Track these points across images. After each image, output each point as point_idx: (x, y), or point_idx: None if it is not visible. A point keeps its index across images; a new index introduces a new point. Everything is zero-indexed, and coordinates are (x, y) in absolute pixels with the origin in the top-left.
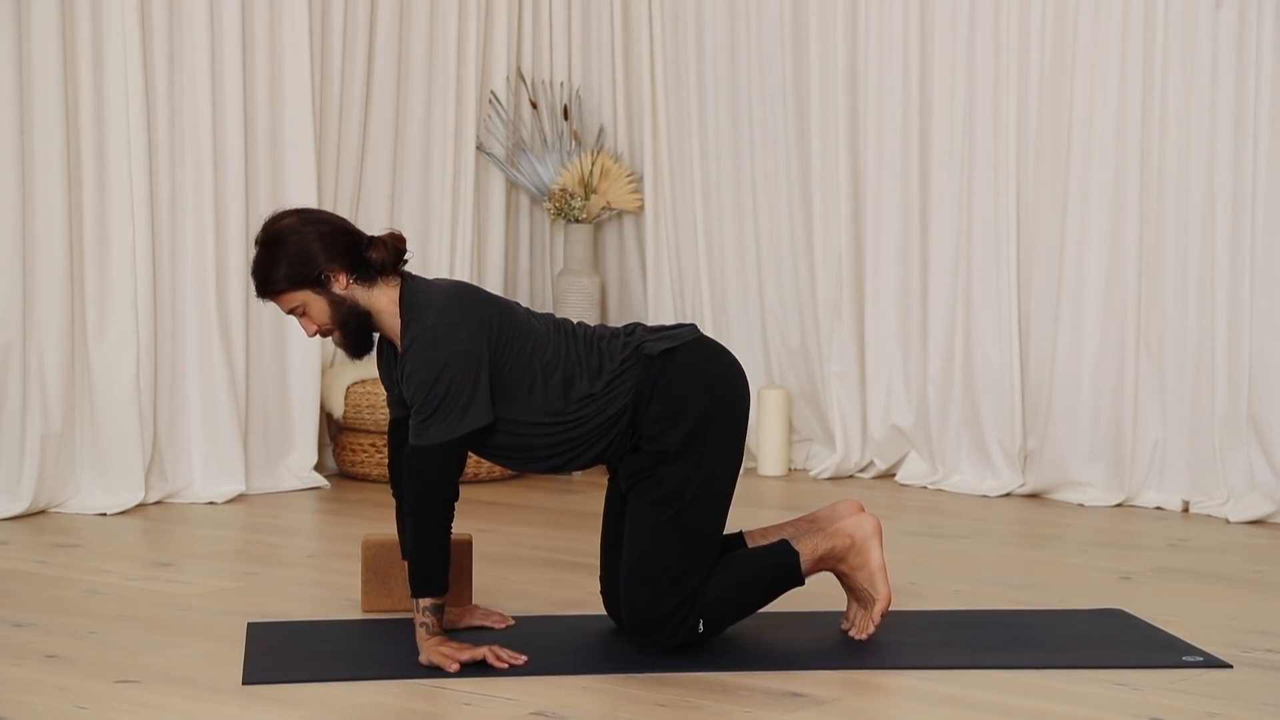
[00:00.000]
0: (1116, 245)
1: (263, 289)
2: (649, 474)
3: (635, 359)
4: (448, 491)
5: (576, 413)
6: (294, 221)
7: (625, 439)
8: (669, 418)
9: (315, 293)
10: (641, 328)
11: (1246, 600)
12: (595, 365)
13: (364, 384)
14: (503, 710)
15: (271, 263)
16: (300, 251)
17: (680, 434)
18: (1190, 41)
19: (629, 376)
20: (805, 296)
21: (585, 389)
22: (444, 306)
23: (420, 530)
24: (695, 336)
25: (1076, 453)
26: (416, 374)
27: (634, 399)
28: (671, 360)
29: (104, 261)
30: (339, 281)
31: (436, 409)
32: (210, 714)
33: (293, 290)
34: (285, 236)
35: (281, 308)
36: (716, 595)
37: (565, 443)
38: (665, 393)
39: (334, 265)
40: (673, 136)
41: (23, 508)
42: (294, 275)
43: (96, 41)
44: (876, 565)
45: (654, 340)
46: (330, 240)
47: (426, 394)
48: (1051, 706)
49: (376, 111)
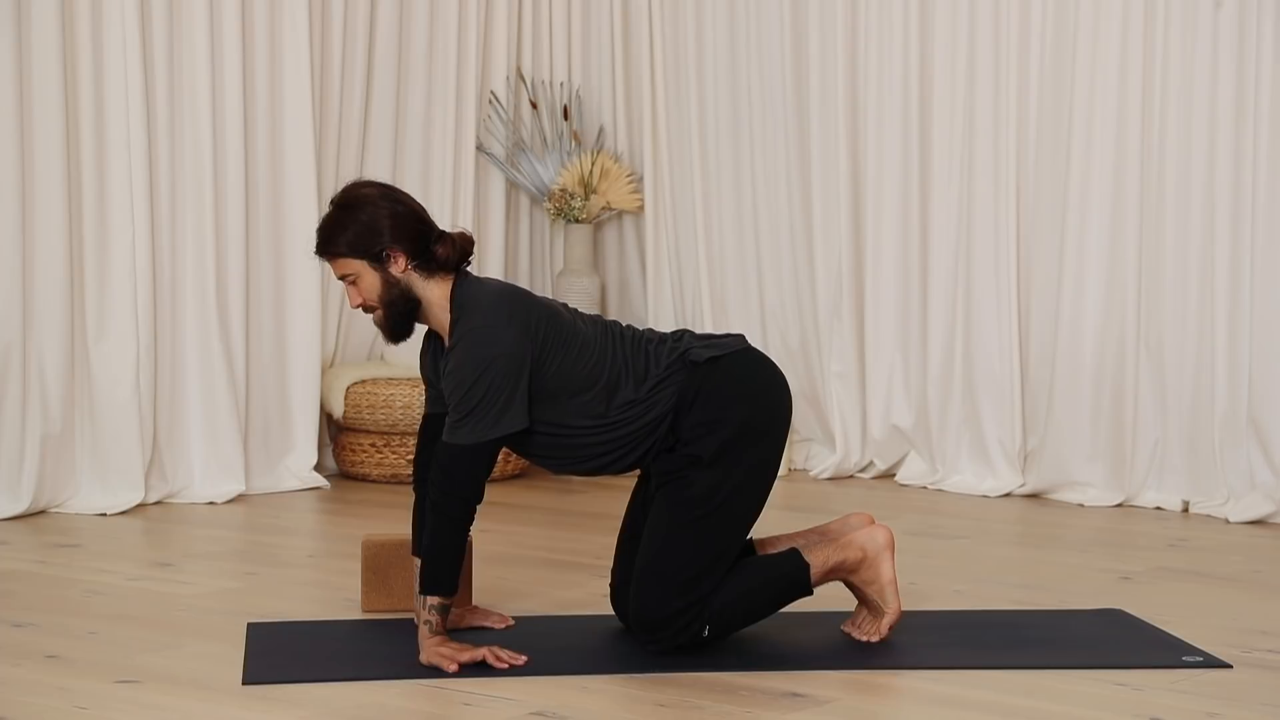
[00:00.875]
0: (1116, 245)
1: (322, 247)
2: (680, 475)
3: (681, 365)
4: (472, 493)
5: (618, 416)
6: (373, 192)
7: (665, 443)
8: (708, 424)
9: (372, 267)
10: (689, 334)
11: (1246, 600)
12: (641, 370)
13: (364, 384)
14: (503, 710)
15: (339, 226)
16: (370, 223)
17: (717, 441)
18: (1190, 41)
19: (673, 382)
20: (805, 296)
21: (629, 394)
22: (493, 308)
23: (439, 528)
24: (743, 347)
25: (1076, 453)
26: (458, 372)
27: (676, 404)
28: (716, 368)
29: (104, 261)
30: (398, 263)
31: (473, 409)
32: (210, 714)
33: (351, 258)
34: (361, 204)
35: (334, 271)
36: (725, 602)
37: (606, 444)
38: (707, 400)
39: (397, 246)
40: (673, 136)
41: (23, 508)
42: (356, 244)
43: (96, 41)
44: (888, 580)
45: (701, 348)
46: (402, 221)
47: (465, 393)
48: (1051, 706)
49: (376, 111)
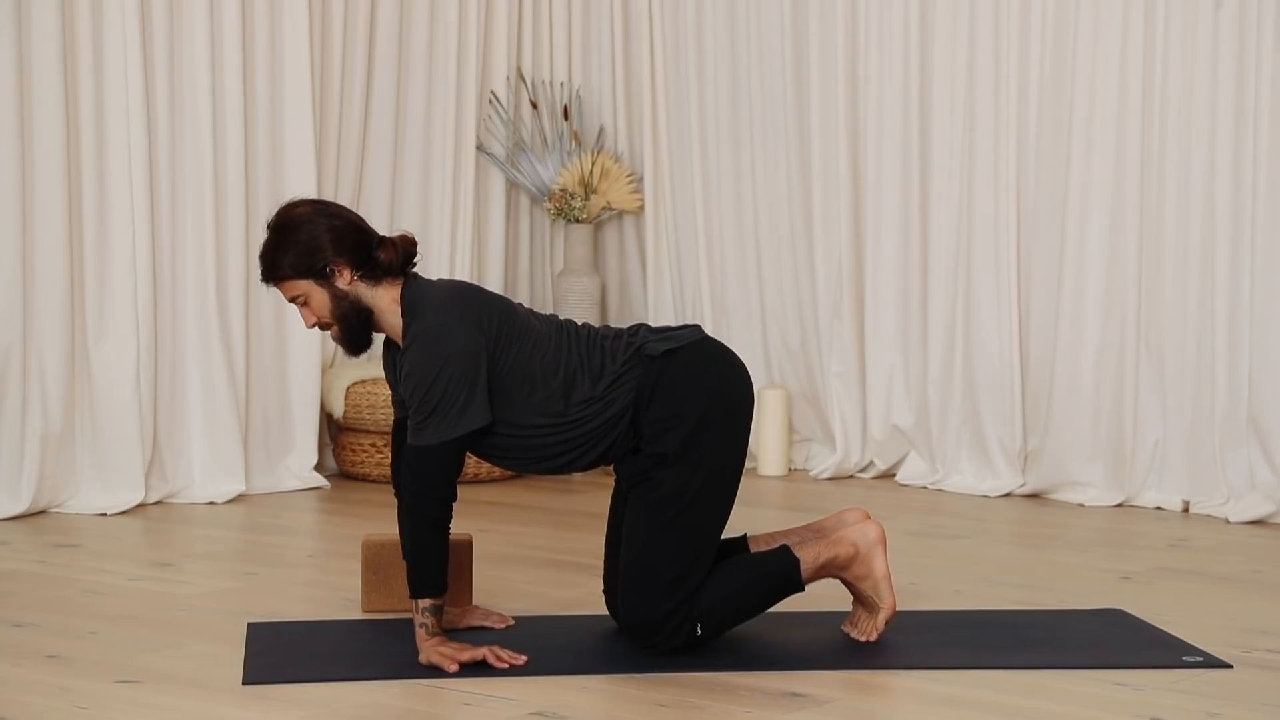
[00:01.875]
0: (1117, 245)
1: (267, 273)
2: (648, 476)
3: (637, 359)
4: (445, 492)
5: (577, 414)
6: (308, 211)
7: (626, 440)
8: (669, 419)
9: (318, 284)
10: (645, 328)
11: (1246, 600)
12: (597, 366)
13: (364, 384)
14: (503, 710)
15: (279, 249)
16: (309, 242)
17: (680, 436)
18: (1190, 41)
19: (630, 377)
20: (805, 296)
21: (586, 391)
22: (443, 306)
23: (418, 530)
24: (699, 338)
25: (1077, 453)
26: (414, 374)
27: (635, 400)
28: (673, 361)
29: (104, 261)
30: (343, 276)
31: (434, 409)
32: (210, 714)
33: (296, 279)
34: (297, 225)
35: (284, 294)
36: (716, 600)
37: (565, 443)
38: (666, 394)
39: (340, 260)
40: (673, 136)
41: (23, 508)
42: (299, 264)
43: (96, 41)
44: (881, 575)
45: (656, 341)
46: (341, 235)
47: (424, 394)
48: (1051, 706)
49: (376, 111)
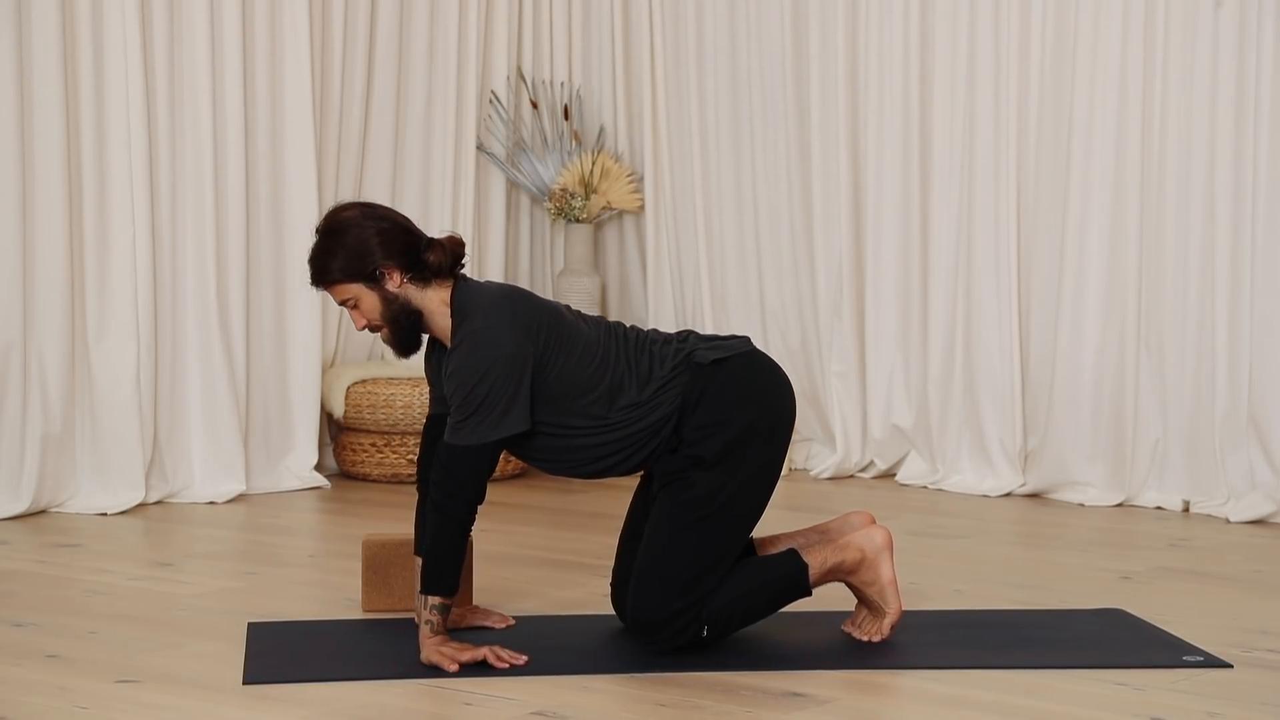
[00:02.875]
0: (1117, 245)
1: (317, 278)
2: (682, 476)
3: (685, 366)
4: (474, 494)
5: (620, 418)
6: (356, 214)
7: (669, 444)
8: (712, 426)
9: (368, 287)
10: (694, 335)
11: (1246, 600)
12: (645, 371)
13: (364, 384)
14: (503, 710)
15: (328, 253)
16: (358, 245)
17: (720, 442)
18: (1190, 41)
19: (677, 384)
20: (805, 296)
21: (633, 396)
22: (494, 309)
23: (440, 528)
24: (748, 349)
25: (1077, 453)
26: (459, 373)
27: (680, 405)
28: (721, 370)
29: (104, 261)
30: (393, 279)
31: (475, 410)
32: (210, 714)
33: (346, 282)
34: (345, 228)
35: (334, 298)
36: (723, 602)
37: (609, 444)
38: (712, 401)
39: (390, 263)
40: (673, 136)
41: (23, 508)
42: (349, 268)
43: (96, 41)
44: (888, 580)
45: (706, 349)
46: (389, 237)
47: (467, 394)
48: (1051, 706)
49: (376, 111)
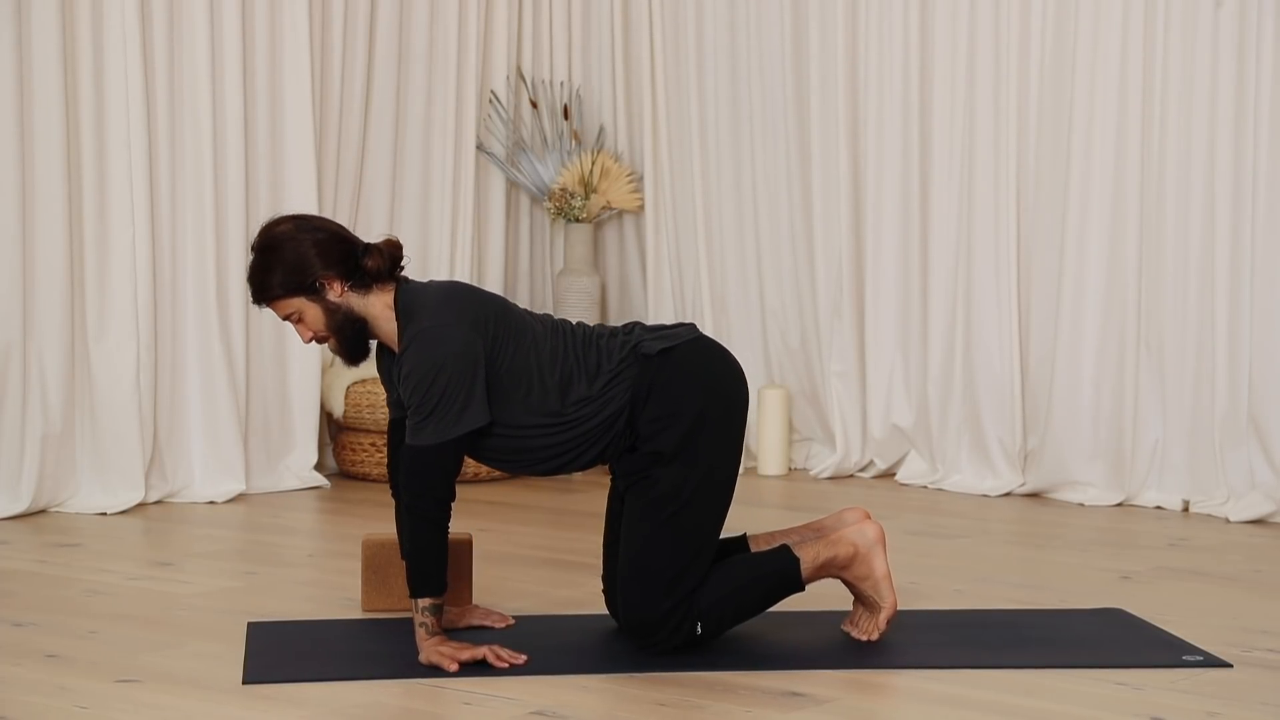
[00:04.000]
0: (1117, 245)
1: (258, 295)
2: (645, 475)
3: (633, 358)
4: (443, 492)
5: (574, 414)
6: (290, 228)
7: (623, 439)
8: (665, 418)
9: (310, 300)
10: (640, 326)
11: (1246, 600)
12: (594, 365)
13: (364, 384)
14: (503, 710)
15: (266, 269)
16: (296, 258)
17: (676, 435)
18: (1190, 41)
19: (626, 376)
20: (805, 296)
21: (583, 390)
22: (439, 308)
23: (416, 530)
24: (694, 336)
25: (1077, 452)
26: (412, 375)
27: (631, 399)
28: (669, 360)
29: (104, 261)
30: (334, 289)
31: (433, 410)
32: (210, 714)
33: (288, 297)
34: (281, 243)
35: (277, 314)
36: (715, 599)
37: (562, 444)
38: (662, 393)
39: (329, 273)
40: (673, 136)
41: (23, 508)
42: (289, 282)
43: (96, 41)
44: (881, 574)
45: (652, 340)
46: (326, 248)
47: (423, 395)
48: (1051, 706)
49: (376, 111)
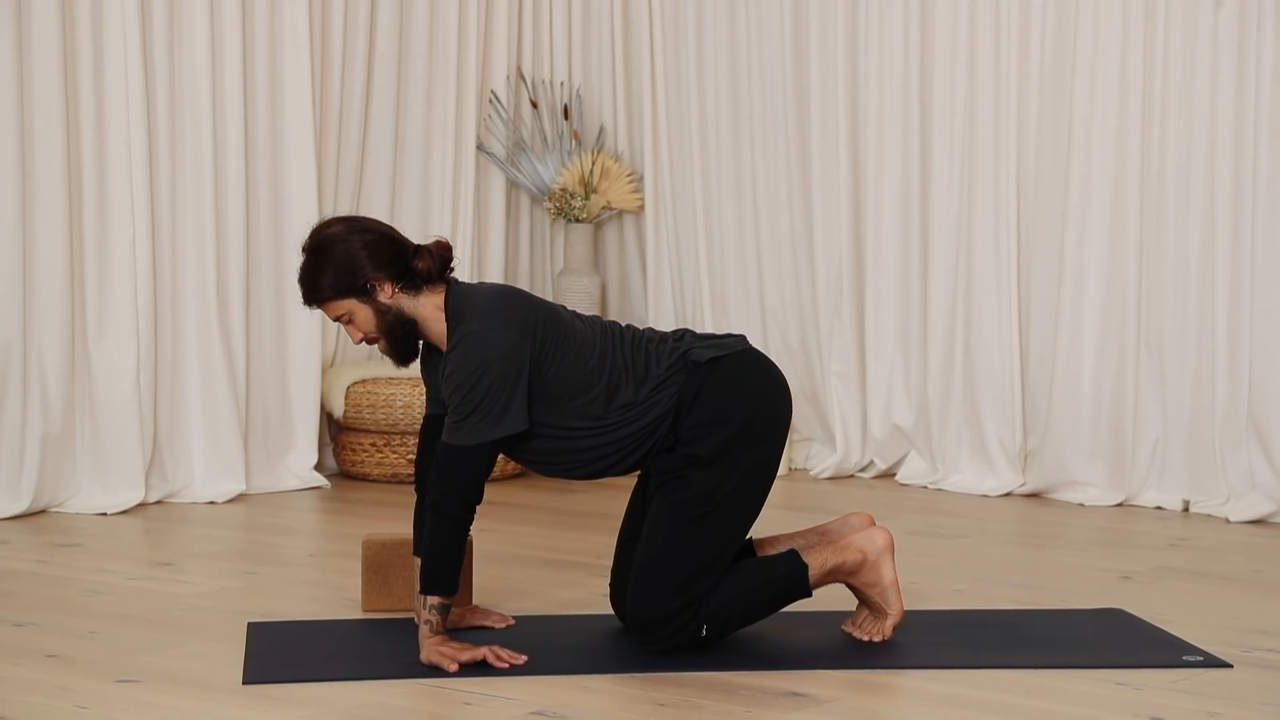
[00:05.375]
0: (1117, 245)
1: (309, 296)
2: (679, 475)
3: (681, 365)
4: (471, 494)
5: (617, 418)
6: (341, 229)
7: (665, 443)
8: (708, 424)
9: (361, 301)
10: (690, 334)
11: (1246, 600)
12: (642, 370)
13: (364, 384)
14: (503, 710)
15: (318, 271)
16: (346, 260)
17: (717, 441)
18: (1190, 41)
19: (674, 383)
20: (805, 296)
21: (629, 396)
22: (489, 310)
23: (439, 528)
24: (744, 348)
25: (1077, 452)
26: (457, 374)
27: (676, 405)
28: (717, 368)
29: (104, 261)
30: (384, 290)
31: (473, 411)
32: (210, 714)
33: (338, 299)
34: (332, 244)
35: (328, 315)
36: (722, 602)
37: (606, 445)
38: (708, 400)
39: (380, 274)
40: (673, 136)
41: (23, 508)
42: (340, 284)
43: (96, 41)
44: (889, 582)
45: (702, 348)
46: (377, 249)
47: (465, 395)
48: (1051, 706)
49: (376, 111)
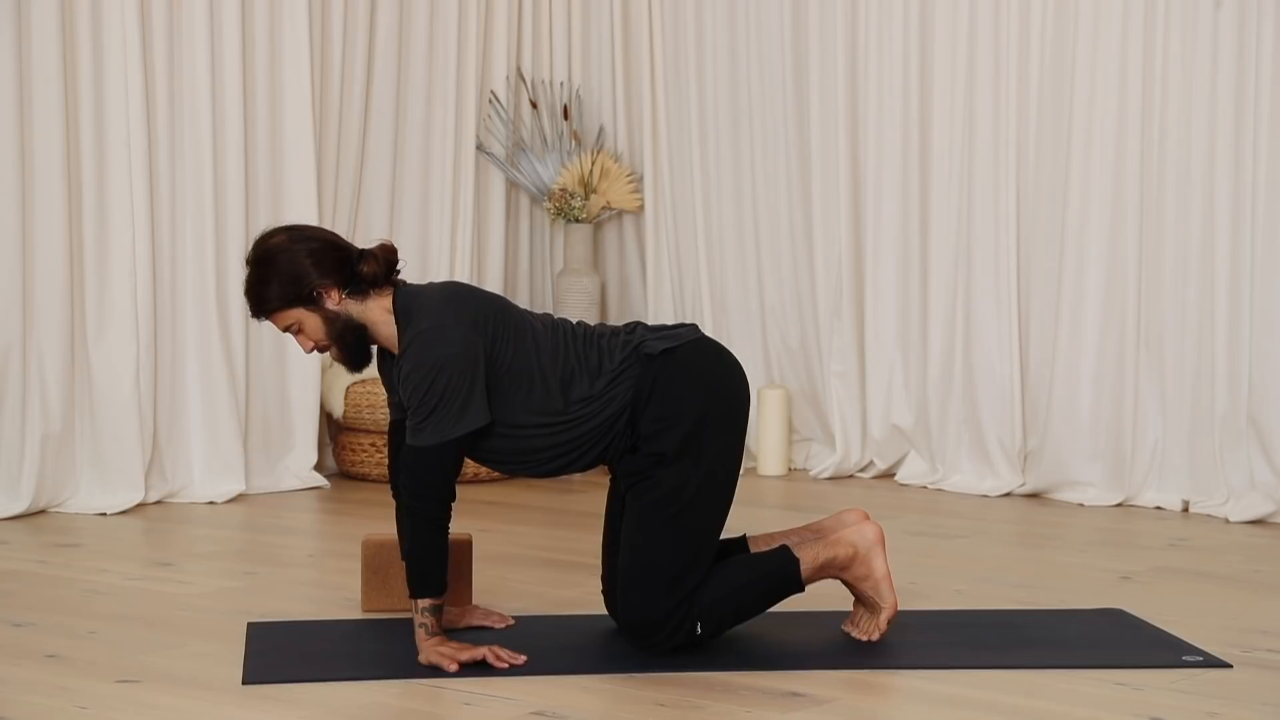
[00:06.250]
0: (1116, 245)
1: (256, 308)
2: (646, 476)
3: (635, 358)
4: (444, 492)
5: (575, 413)
6: (284, 239)
7: (624, 440)
8: (667, 418)
9: (309, 310)
10: (642, 326)
11: (1246, 600)
12: (595, 364)
13: (364, 384)
14: (503, 710)
15: (263, 282)
16: (291, 269)
17: (678, 435)
18: (1190, 41)
19: (628, 376)
20: (805, 296)
21: (585, 390)
22: (439, 309)
23: (417, 531)
24: (696, 337)
25: (1076, 453)
26: (412, 376)
27: (633, 399)
28: (671, 360)
29: (104, 261)
30: (332, 297)
31: (433, 410)
32: (210, 714)
33: (286, 309)
34: (275, 255)
35: (277, 326)
36: (715, 599)
37: (563, 444)
38: (664, 393)
39: (326, 281)
40: (673, 136)
41: (23, 508)
42: (286, 294)
43: (96, 41)
44: (881, 575)
45: (654, 339)
46: (321, 256)
47: (423, 396)
48: (1051, 706)
49: (376, 112)
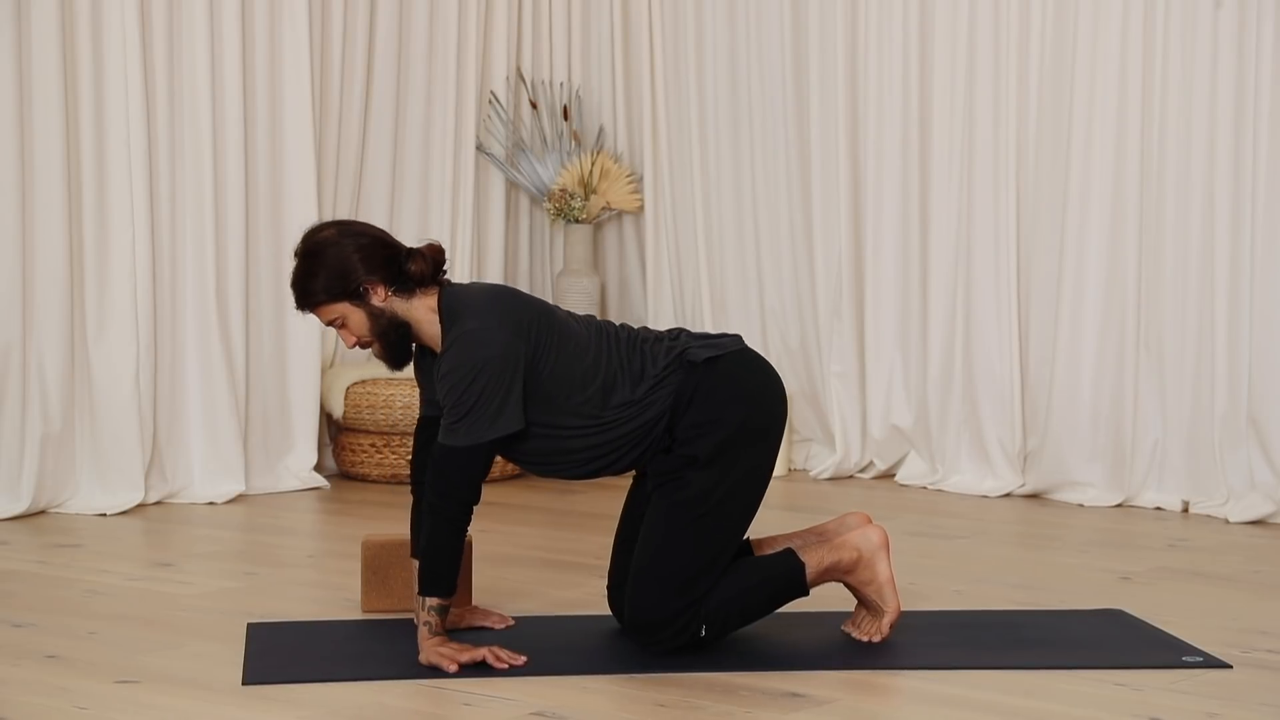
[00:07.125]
0: (1116, 245)
1: (301, 301)
2: (676, 476)
3: (678, 365)
4: (468, 495)
5: (613, 416)
6: (333, 233)
7: (661, 444)
8: (705, 425)
9: (354, 305)
10: (686, 333)
11: (1246, 600)
12: (638, 370)
13: (364, 384)
14: (503, 710)
15: (310, 275)
16: (339, 264)
17: (714, 441)
18: (1190, 41)
19: (670, 382)
20: (805, 296)
21: (626, 394)
22: (483, 310)
23: (436, 529)
24: (740, 347)
25: (1076, 453)
26: (452, 374)
27: (673, 404)
28: (714, 369)
29: (104, 261)
30: (377, 294)
31: (469, 412)
32: (210, 714)
33: (331, 303)
34: (324, 248)
35: (320, 319)
36: (721, 602)
37: (599, 445)
38: (704, 400)
39: (373, 278)
40: (673, 137)
41: (23, 508)
42: (332, 288)
43: (96, 41)
44: (885, 579)
45: (698, 347)
46: (369, 253)
47: (460, 396)
48: (1051, 706)
49: (376, 112)
